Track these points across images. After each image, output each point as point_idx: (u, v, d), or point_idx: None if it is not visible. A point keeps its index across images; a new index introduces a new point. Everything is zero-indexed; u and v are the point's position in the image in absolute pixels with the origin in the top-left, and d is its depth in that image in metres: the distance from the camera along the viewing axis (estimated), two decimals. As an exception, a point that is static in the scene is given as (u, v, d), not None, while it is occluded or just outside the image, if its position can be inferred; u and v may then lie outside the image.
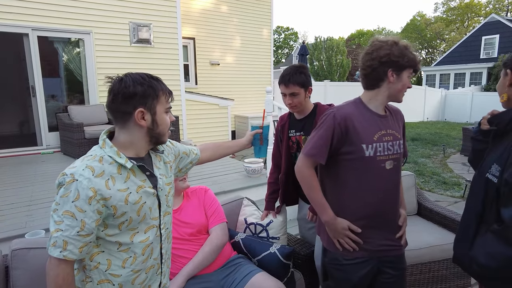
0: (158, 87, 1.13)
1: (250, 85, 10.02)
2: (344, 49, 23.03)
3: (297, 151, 2.02)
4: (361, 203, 1.46)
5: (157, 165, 1.23)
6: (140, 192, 1.12)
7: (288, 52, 50.35)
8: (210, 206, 1.96)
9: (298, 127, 2.03)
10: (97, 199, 1.02)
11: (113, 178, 1.07)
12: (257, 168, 4.16)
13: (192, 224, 1.85)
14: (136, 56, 6.41)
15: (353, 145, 1.42)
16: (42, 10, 5.48)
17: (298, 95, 1.92)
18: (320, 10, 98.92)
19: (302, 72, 1.93)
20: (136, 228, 1.13)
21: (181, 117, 6.89)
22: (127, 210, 1.08)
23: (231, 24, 9.41)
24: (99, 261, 1.10)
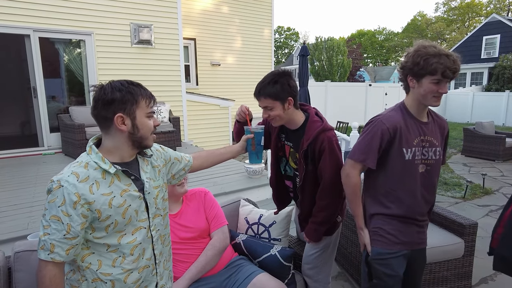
0: (137, 92, 1.17)
1: (251, 86, 9.88)
2: (345, 49, 23.02)
3: (283, 156, 1.88)
4: (398, 202, 1.59)
5: (144, 169, 1.27)
6: (124, 195, 1.16)
7: (289, 52, 50.29)
8: (210, 210, 1.95)
9: (287, 136, 1.83)
10: (81, 204, 1.07)
11: (98, 183, 1.12)
12: (258, 169, 4.16)
13: (192, 228, 1.84)
14: (137, 57, 6.42)
15: (396, 149, 1.55)
16: (43, 11, 5.50)
17: (273, 108, 1.67)
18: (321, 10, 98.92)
19: (277, 81, 1.65)
20: (123, 230, 1.17)
21: (182, 118, 6.91)
22: (112, 213, 1.13)
23: (232, 25, 9.42)
24: (90, 261, 1.15)
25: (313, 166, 1.71)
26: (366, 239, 1.66)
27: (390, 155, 1.57)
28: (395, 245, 1.61)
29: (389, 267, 1.61)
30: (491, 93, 15.06)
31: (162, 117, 6.18)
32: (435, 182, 1.65)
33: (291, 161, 1.84)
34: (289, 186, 1.94)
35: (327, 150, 1.65)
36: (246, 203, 2.37)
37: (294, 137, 1.78)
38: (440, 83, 1.47)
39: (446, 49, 1.52)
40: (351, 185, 1.61)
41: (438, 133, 1.64)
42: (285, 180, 1.95)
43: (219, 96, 8.38)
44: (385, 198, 1.61)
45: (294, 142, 1.79)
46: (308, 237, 1.84)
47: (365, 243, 1.67)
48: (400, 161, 1.55)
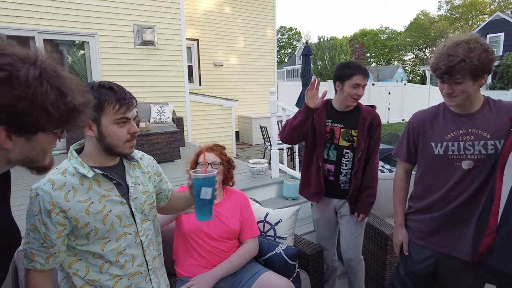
0: (103, 97, 1.08)
1: (254, 86, 10.04)
2: (348, 48, 23.02)
3: (330, 141, 2.14)
4: (430, 199, 1.57)
5: (131, 174, 1.23)
6: (103, 201, 1.13)
7: (291, 52, 50.25)
8: (247, 216, 1.99)
9: (338, 118, 2.13)
10: (56, 212, 1.05)
11: (74, 190, 1.09)
12: (261, 169, 4.16)
13: (228, 227, 1.88)
14: (141, 58, 6.45)
15: (424, 144, 1.57)
16: (48, 13, 5.53)
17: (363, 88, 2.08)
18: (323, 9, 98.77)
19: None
20: (106, 237, 1.14)
21: (185, 118, 6.92)
22: (90, 220, 1.09)
23: (235, 25, 9.44)
24: (77, 268, 1.14)
25: (369, 138, 2.11)
26: (401, 237, 1.68)
27: (419, 149, 1.61)
28: (419, 241, 1.63)
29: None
30: (496, 91, 14.98)
31: (166, 118, 6.20)
32: (487, 180, 1.46)
33: (341, 141, 2.12)
34: (331, 170, 2.17)
35: (380, 125, 2.15)
36: (252, 201, 2.37)
37: (347, 117, 2.12)
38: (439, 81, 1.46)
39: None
40: (394, 181, 1.75)
41: (495, 123, 1.43)
42: (326, 166, 2.17)
43: (222, 96, 8.39)
44: (420, 192, 1.63)
45: (346, 121, 2.11)
46: (364, 212, 2.15)
47: (402, 241, 1.69)
48: (428, 155, 1.55)
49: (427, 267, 1.60)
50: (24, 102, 0.64)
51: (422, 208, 1.61)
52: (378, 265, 2.64)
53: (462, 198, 1.48)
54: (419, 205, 1.63)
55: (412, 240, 1.66)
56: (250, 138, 9.44)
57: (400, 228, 1.70)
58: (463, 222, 1.50)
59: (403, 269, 1.70)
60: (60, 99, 0.69)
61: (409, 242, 1.67)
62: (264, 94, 10.12)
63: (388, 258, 2.57)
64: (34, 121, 0.67)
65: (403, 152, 1.67)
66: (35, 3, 5.40)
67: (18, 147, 0.70)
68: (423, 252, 1.61)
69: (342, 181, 2.16)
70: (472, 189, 1.46)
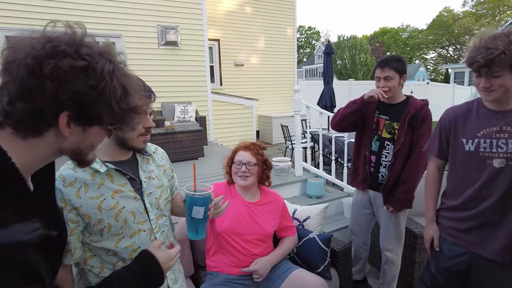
0: None
1: (274, 85, 10.05)
2: (368, 47, 22.68)
3: (374, 131, 2.22)
4: (461, 197, 1.55)
5: (144, 168, 1.19)
6: (116, 197, 1.09)
7: (310, 51, 49.89)
8: (287, 220, 2.03)
9: (384, 110, 2.18)
10: (68, 209, 1.03)
11: (86, 186, 1.05)
12: (285, 167, 4.17)
13: (263, 229, 1.87)
14: (164, 58, 6.58)
15: (455, 140, 1.56)
16: (76, 16, 5.73)
17: (392, 79, 2.07)
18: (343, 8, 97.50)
19: (400, 59, 2.11)
20: (120, 234, 1.10)
21: (207, 117, 7.01)
22: (103, 217, 1.06)
23: (255, 25, 9.48)
24: (92, 264, 1.12)
25: (412, 132, 2.08)
26: (431, 232, 1.68)
27: (450, 145, 1.59)
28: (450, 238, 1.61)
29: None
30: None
31: (189, 117, 6.31)
32: None
33: (384, 132, 2.18)
34: (372, 161, 2.25)
35: (428, 120, 2.06)
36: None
37: (393, 110, 2.15)
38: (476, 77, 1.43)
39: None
40: (426, 176, 1.75)
41: None
42: (368, 155, 2.26)
43: (243, 95, 8.45)
44: (451, 189, 1.62)
45: (392, 114, 2.15)
46: (395, 207, 2.17)
47: (432, 237, 1.68)
48: (459, 152, 1.54)
49: (459, 264, 1.58)
50: (94, 92, 0.66)
51: (454, 206, 1.59)
52: (407, 264, 2.61)
53: (494, 197, 1.44)
54: (451, 202, 1.61)
55: (443, 237, 1.65)
56: (270, 137, 9.46)
57: (431, 224, 1.70)
58: (496, 223, 1.46)
59: (434, 266, 1.68)
60: (124, 97, 0.72)
61: (440, 238, 1.66)
62: (284, 94, 10.11)
63: (417, 257, 2.54)
64: (96, 113, 0.69)
65: (435, 148, 1.67)
66: (64, 6, 5.61)
67: (73, 137, 0.70)
68: (454, 249, 1.59)
69: (382, 173, 2.22)
70: (504, 189, 1.42)
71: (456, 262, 1.58)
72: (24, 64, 0.62)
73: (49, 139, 0.68)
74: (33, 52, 0.62)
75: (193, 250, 2.15)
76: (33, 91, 0.62)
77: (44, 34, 0.66)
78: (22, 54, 0.62)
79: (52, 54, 0.63)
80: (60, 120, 0.66)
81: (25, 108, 0.62)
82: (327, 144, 5.36)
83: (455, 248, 1.59)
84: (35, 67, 0.62)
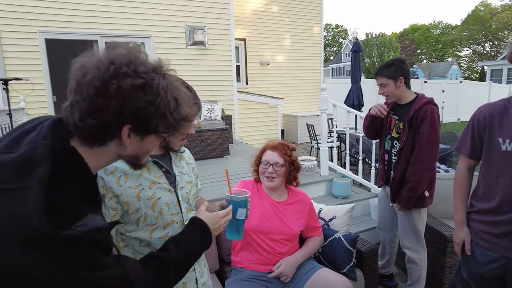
0: None
1: (300, 84, 9.99)
2: (397, 45, 22.07)
3: (388, 131, 2.32)
4: (495, 199, 1.48)
5: (177, 164, 1.25)
6: (154, 188, 1.13)
7: (337, 50, 49.13)
8: (314, 220, 2.02)
9: (396, 110, 2.28)
10: (109, 197, 1.07)
11: (126, 175, 1.10)
12: (310, 166, 4.15)
13: (288, 228, 1.87)
14: (192, 58, 6.70)
15: (490, 139, 1.49)
16: (109, 18, 5.96)
17: (386, 85, 2.15)
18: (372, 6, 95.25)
19: (392, 64, 2.16)
20: (154, 224, 1.13)
21: (233, 116, 7.08)
22: (140, 206, 1.10)
23: (282, 24, 9.46)
24: (125, 255, 1.12)
25: (413, 132, 2.09)
26: (461, 235, 1.62)
27: (484, 145, 1.53)
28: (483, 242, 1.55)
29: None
30: None
31: (215, 115, 6.40)
32: None
33: (394, 132, 2.26)
34: (385, 159, 2.35)
35: (428, 117, 2.04)
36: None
37: (401, 110, 2.21)
38: None
39: None
40: (455, 177, 1.68)
41: None
42: (384, 154, 2.36)
43: (268, 94, 8.46)
44: (483, 189, 1.54)
45: (400, 114, 2.21)
46: (401, 205, 2.19)
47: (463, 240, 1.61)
48: (494, 152, 1.47)
49: (494, 269, 1.49)
50: (151, 107, 0.75)
51: (487, 209, 1.51)
52: (436, 268, 2.52)
53: None
54: (483, 205, 1.54)
55: (475, 241, 1.57)
56: (295, 137, 9.42)
57: (462, 227, 1.62)
58: None
59: (466, 272, 1.60)
60: (176, 109, 0.80)
61: (471, 242, 1.58)
62: (310, 92, 10.03)
63: (448, 261, 2.45)
64: (154, 124, 0.77)
65: (467, 147, 1.59)
66: (98, 9, 5.84)
67: (132, 145, 0.80)
68: (488, 254, 1.51)
69: (392, 170, 2.30)
70: None
71: (491, 267, 1.50)
72: (93, 86, 0.71)
73: (112, 148, 0.78)
74: (99, 74, 0.71)
75: (218, 246, 2.18)
76: (100, 109, 0.71)
77: (106, 55, 0.74)
78: (90, 76, 0.71)
79: (115, 75, 0.72)
80: (123, 132, 0.75)
81: (94, 123, 0.72)
82: (354, 144, 5.27)
83: (489, 252, 1.51)
84: (101, 88, 0.71)
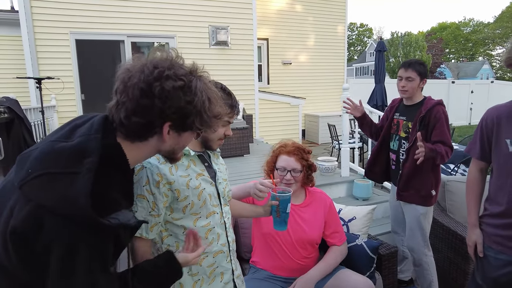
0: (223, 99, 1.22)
1: (322, 84, 9.91)
2: (424, 44, 21.44)
3: (396, 132, 2.35)
4: (505, 202, 1.47)
5: (215, 161, 1.35)
6: (200, 179, 1.23)
7: (361, 49, 48.27)
8: (334, 223, 1.89)
9: (403, 112, 2.33)
10: (163, 183, 1.15)
11: (176, 166, 1.19)
12: (331, 167, 4.11)
13: (305, 234, 1.79)
14: (215, 58, 6.78)
15: (498, 140, 1.49)
16: (135, 19, 6.13)
17: (413, 81, 2.19)
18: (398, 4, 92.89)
19: (423, 63, 2.26)
20: (198, 213, 1.22)
21: (254, 116, 7.11)
22: (189, 194, 1.19)
23: (305, 23, 9.42)
24: (168, 243, 1.22)
25: (425, 131, 2.11)
26: (474, 237, 1.60)
27: (492, 146, 1.52)
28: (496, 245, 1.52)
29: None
30: None
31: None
32: None
33: (402, 132, 2.30)
34: (393, 159, 2.39)
35: (442, 118, 2.10)
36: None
37: (410, 111, 2.27)
38: None
39: None
40: (467, 179, 1.68)
41: None
42: (390, 154, 2.41)
43: (290, 94, 8.44)
44: (494, 192, 1.54)
45: (408, 114, 2.27)
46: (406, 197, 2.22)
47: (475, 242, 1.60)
48: (502, 153, 1.46)
49: (508, 274, 1.47)
50: (190, 106, 0.83)
51: (498, 212, 1.49)
52: (457, 274, 2.45)
53: None
54: (494, 208, 1.52)
55: (488, 245, 1.55)
56: (316, 137, 9.35)
57: (474, 228, 1.62)
58: None
59: (480, 276, 1.57)
60: (210, 107, 0.87)
61: (484, 246, 1.56)
62: (332, 92, 9.92)
63: (470, 266, 2.38)
64: (191, 121, 0.85)
65: (476, 149, 1.60)
66: (125, 10, 6.02)
67: (171, 141, 0.87)
68: (501, 258, 1.49)
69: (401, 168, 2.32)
70: None
71: (505, 272, 1.48)
72: (138, 88, 0.79)
73: (152, 143, 0.87)
74: (143, 77, 0.80)
75: (236, 243, 2.21)
76: (145, 108, 0.80)
77: (149, 59, 0.83)
78: (136, 79, 0.80)
79: (158, 78, 0.79)
80: (164, 129, 0.84)
81: (139, 121, 0.80)
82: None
83: (502, 256, 1.49)
84: (146, 89, 0.79)
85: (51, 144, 0.76)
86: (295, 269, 1.79)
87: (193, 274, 1.24)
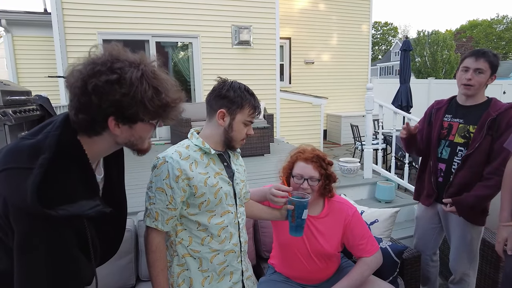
0: (246, 99, 1.27)
1: (345, 83, 9.76)
2: (452, 43, 20.69)
3: (446, 137, 1.99)
4: None
5: (234, 162, 1.37)
6: (218, 177, 1.26)
7: (386, 48, 47.18)
8: (359, 232, 1.72)
9: (458, 113, 1.96)
10: (183, 178, 1.19)
11: (196, 163, 1.23)
12: (353, 168, 4.04)
13: (321, 246, 1.70)
14: (237, 57, 6.82)
15: None
16: (160, 19, 6.25)
17: (482, 74, 1.83)
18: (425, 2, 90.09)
19: (495, 55, 1.87)
20: (213, 211, 1.25)
21: (275, 115, 7.10)
22: (206, 191, 1.22)
23: (329, 22, 9.31)
24: (182, 237, 1.26)
25: (492, 137, 1.80)
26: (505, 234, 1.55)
27: None
28: None
29: None
30: None
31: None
32: None
33: (457, 137, 1.94)
34: (442, 169, 2.01)
35: None
36: (343, 197, 2.32)
37: (470, 112, 1.91)
38: None
39: None
40: (504, 174, 1.61)
41: None
42: (438, 164, 2.02)
43: (312, 94, 8.36)
44: None
45: (467, 116, 1.91)
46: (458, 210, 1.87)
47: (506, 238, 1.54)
48: None
49: None
50: (127, 98, 0.83)
51: None
52: (486, 284, 2.36)
53: None
54: None
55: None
56: (338, 137, 9.22)
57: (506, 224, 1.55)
58: None
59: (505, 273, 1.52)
60: (155, 96, 0.87)
61: None
62: (355, 92, 9.76)
63: (501, 276, 2.28)
64: (134, 113, 0.86)
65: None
66: (150, 11, 6.15)
67: (123, 133, 0.90)
68: None
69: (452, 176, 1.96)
70: None
71: None
72: (77, 86, 0.82)
73: (106, 137, 0.90)
74: (80, 76, 0.83)
75: (256, 242, 2.22)
76: (85, 105, 0.82)
77: (88, 59, 0.85)
78: (74, 78, 0.83)
79: (92, 74, 0.82)
80: (109, 123, 0.86)
81: (84, 117, 0.84)
82: (401, 147, 5.05)
83: None
84: (83, 87, 0.82)
85: (18, 141, 0.83)
86: (313, 279, 1.77)
87: (203, 270, 1.27)
